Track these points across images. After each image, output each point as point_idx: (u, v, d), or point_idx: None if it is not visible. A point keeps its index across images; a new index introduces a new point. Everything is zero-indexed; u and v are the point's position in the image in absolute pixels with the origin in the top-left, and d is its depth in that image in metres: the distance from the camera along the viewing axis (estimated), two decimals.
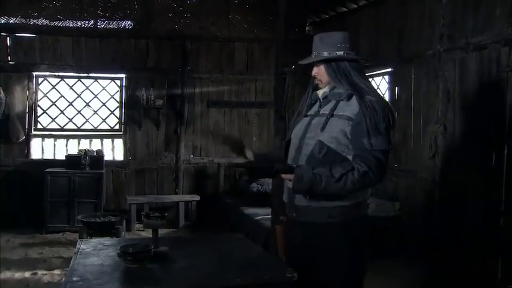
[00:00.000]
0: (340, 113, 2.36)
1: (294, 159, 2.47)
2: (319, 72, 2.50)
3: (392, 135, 2.33)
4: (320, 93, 2.51)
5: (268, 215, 4.96)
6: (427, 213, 5.06)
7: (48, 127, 7.31)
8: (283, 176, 2.36)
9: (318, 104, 2.52)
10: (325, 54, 2.44)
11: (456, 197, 4.65)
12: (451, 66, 4.80)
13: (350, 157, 2.32)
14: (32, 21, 6.80)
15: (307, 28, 7.86)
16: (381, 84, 6.32)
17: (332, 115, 2.38)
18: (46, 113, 7.29)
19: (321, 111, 2.46)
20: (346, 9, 6.84)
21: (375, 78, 6.43)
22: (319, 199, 2.34)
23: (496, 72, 4.22)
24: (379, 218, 5.50)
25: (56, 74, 7.23)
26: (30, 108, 7.17)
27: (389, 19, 5.97)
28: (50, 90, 7.29)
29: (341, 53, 2.41)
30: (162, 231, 3.84)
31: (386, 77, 6.17)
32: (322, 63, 2.47)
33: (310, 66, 2.53)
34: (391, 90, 6.00)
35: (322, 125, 2.38)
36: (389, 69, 6.02)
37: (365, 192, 2.40)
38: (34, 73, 7.15)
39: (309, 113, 2.55)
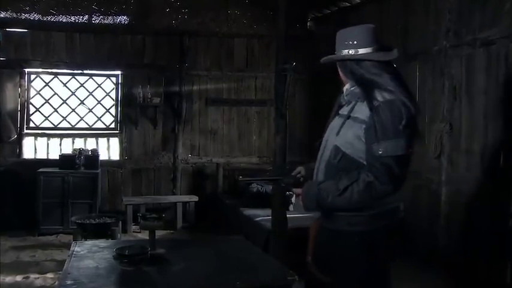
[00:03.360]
0: (356, 115, 2.26)
1: (318, 165, 2.41)
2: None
3: (412, 137, 2.15)
4: (344, 92, 2.42)
5: (268, 216, 4.95)
6: (433, 214, 5.04)
7: (41, 126, 7.30)
8: (294, 190, 2.36)
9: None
10: (336, 54, 2.39)
11: (463, 198, 4.64)
12: (457, 63, 4.78)
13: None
14: (24, 16, 6.76)
15: (308, 24, 7.85)
16: None
17: (348, 117, 2.29)
18: (39, 111, 7.28)
19: (341, 113, 2.39)
20: (349, 4, 6.83)
21: None
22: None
23: (504, 68, 4.21)
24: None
25: (49, 70, 7.23)
26: (22, 106, 7.16)
27: (393, 14, 5.95)
28: (42, 88, 7.28)
29: (346, 51, 2.33)
30: (159, 233, 3.84)
31: None
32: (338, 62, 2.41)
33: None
34: None
35: (338, 129, 2.31)
36: (394, 66, 6.00)
37: (387, 202, 2.24)
38: (26, 70, 7.14)
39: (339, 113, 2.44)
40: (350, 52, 2.31)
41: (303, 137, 7.71)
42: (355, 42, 2.31)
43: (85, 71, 7.36)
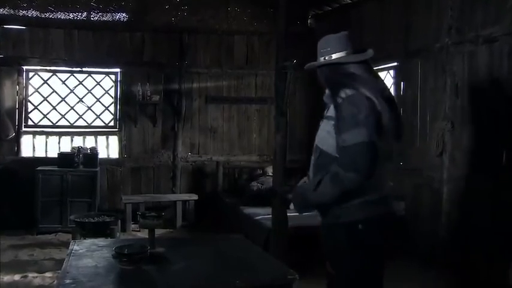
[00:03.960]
0: (328, 114, 2.45)
1: (310, 168, 2.56)
2: None
3: (375, 126, 2.25)
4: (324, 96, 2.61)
5: (268, 214, 4.95)
6: (434, 213, 5.04)
7: (39, 124, 7.30)
8: (289, 196, 2.57)
9: None
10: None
11: (464, 196, 4.64)
12: (459, 60, 4.78)
13: None
14: (22, 13, 6.73)
15: (309, 21, 7.83)
16: (386, 78, 6.30)
17: (326, 118, 2.48)
18: (37, 109, 7.28)
19: (323, 115, 2.56)
20: (350, 1, 6.81)
21: (380, 73, 6.42)
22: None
23: (507, 66, 4.20)
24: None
25: (48, 68, 7.22)
26: (21, 103, 7.16)
27: (395, 11, 5.95)
28: (41, 85, 7.27)
29: (322, 58, 2.53)
30: (158, 232, 3.83)
31: (391, 71, 6.15)
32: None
33: None
34: (397, 85, 5.98)
35: (319, 130, 2.51)
36: (395, 64, 6.00)
37: (365, 192, 2.31)
38: (24, 67, 7.14)
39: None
40: (326, 58, 2.51)
41: (304, 135, 7.70)
42: (329, 48, 2.51)
43: (84, 69, 7.36)
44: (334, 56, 2.48)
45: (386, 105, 2.32)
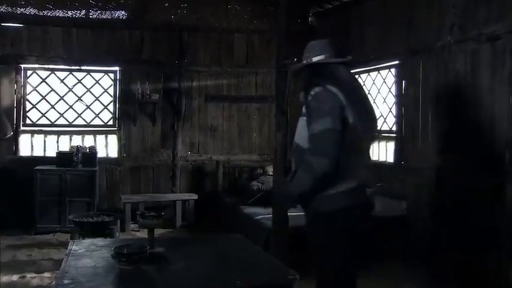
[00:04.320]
0: (303, 111, 2.72)
1: None
2: None
3: (340, 116, 2.49)
4: None
5: (269, 214, 4.95)
6: (435, 213, 5.04)
7: (37, 122, 7.30)
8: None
9: None
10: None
11: (466, 196, 4.63)
12: (462, 59, 4.77)
13: None
14: (19, 10, 6.71)
15: (310, 19, 7.82)
16: (387, 77, 6.30)
17: (301, 115, 2.76)
18: (35, 108, 7.28)
19: None
20: None
21: (381, 72, 6.42)
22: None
23: (510, 64, 4.19)
24: (385, 218, 5.50)
25: (46, 66, 7.22)
26: (19, 102, 7.16)
27: (397, 8, 5.94)
28: (39, 84, 7.27)
29: (304, 61, 2.82)
30: (158, 232, 3.83)
31: (392, 70, 6.15)
32: None
33: None
34: (398, 83, 5.98)
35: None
36: (396, 62, 6.00)
37: (343, 183, 2.53)
38: (22, 65, 7.14)
39: None
40: (308, 61, 2.79)
41: None
42: (309, 54, 2.81)
43: (82, 67, 7.35)
44: (314, 59, 2.75)
45: (355, 103, 2.56)
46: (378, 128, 2.70)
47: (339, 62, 2.72)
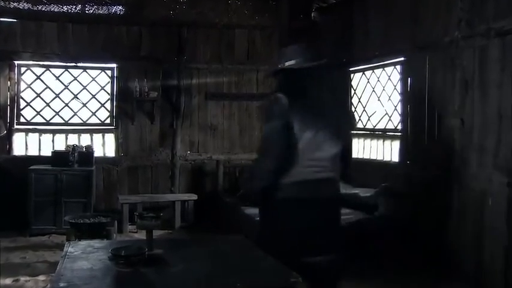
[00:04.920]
0: None
1: None
2: None
3: (282, 119, 2.75)
4: None
5: None
6: (443, 216, 5.03)
7: (32, 121, 7.29)
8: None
9: None
10: None
11: (476, 198, 4.62)
12: (469, 55, 4.76)
13: None
14: (13, 5, 6.70)
15: (312, 14, 7.82)
16: (392, 74, 6.29)
17: None
18: (30, 106, 7.27)
19: None
20: None
21: (385, 68, 6.41)
22: None
23: None
24: (389, 219, 5.49)
25: (41, 63, 7.22)
26: (12, 100, 7.16)
27: (402, 3, 5.93)
28: (34, 81, 7.27)
29: (279, 66, 3.03)
30: (156, 233, 3.82)
31: (398, 66, 6.14)
32: None
33: None
34: (403, 81, 5.97)
35: None
36: (402, 58, 5.99)
37: (290, 176, 2.78)
38: (16, 62, 7.14)
39: None
40: (280, 66, 2.97)
41: None
42: (283, 58, 2.99)
43: (78, 64, 7.35)
44: (286, 64, 2.94)
45: (307, 107, 2.82)
46: (352, 127, 3.16)
47: (307, 67, 2.90)
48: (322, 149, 2.82)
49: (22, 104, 7.26)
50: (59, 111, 7.36)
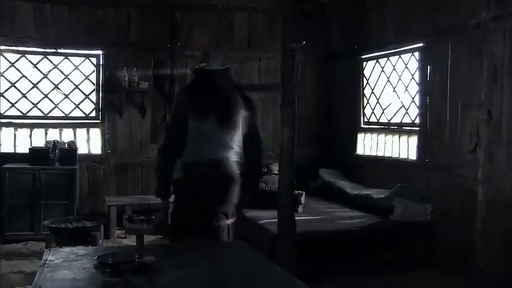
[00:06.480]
0: None
1: None
2: None
3: (177, 113, 3.71)
4: None
5: (274, 218, 4.95)
6: (467, 218, 5.02)
7: (6, 114, 7.26)
8: None
9: None
10: None
11: (503, 198, 4.62)
12: (499, 39, 4.73)
13: None
14: None
15: None
16: (410, 62, 6.27)
17: None
18: (3, 97, 7.23)
19: None
20: None
21: (402, 56, 6.39)
22: None
23: None
24: (407, 224, 5.50)
25: (15, 48, 7.16)
26: None
27: None
28: (7, 69, 7.21)
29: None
30: (147, 238, 3.82)
31: (416, 53, 6.14)
32: None
33: None
34: (422, 69, 5.96)
35: None
36: (421, 44, 5.98)
37: (189, 157, 3.56)
38: None
39: None
40: (199, 66, 3.82)
41: (314, 127, 7.70)
42: (201, 59, 3.87)
43: (59, 50, 7.32)
44: (200, 65, 3.76)
45: (203, 103, 3.55)
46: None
47: (210, 70, 3.71)
48: (211, 137, 3.54)
49: None
50: (37, 103, 7.33)
